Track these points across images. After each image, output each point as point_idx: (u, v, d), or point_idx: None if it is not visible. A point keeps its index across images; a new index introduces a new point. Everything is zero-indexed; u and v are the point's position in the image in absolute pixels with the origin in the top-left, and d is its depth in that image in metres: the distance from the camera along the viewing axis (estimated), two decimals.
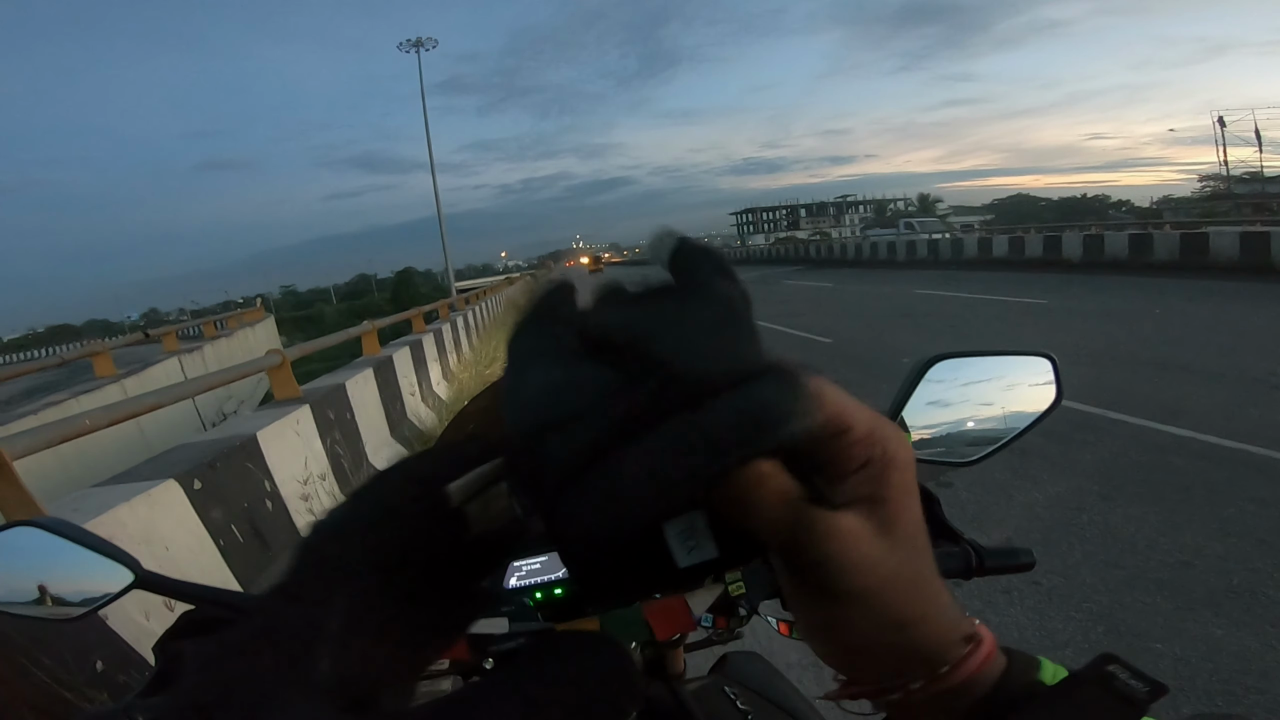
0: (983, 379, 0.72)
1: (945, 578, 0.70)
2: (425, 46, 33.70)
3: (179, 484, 2.54)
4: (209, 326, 14.81)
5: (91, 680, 1.82)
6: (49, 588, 0.61)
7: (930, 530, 0.75)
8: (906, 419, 0.69)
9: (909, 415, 0.69)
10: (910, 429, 0.69)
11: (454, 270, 35.62)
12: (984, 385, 0.72)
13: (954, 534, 0.71)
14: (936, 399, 0.70)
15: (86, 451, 6.21)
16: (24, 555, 0.61)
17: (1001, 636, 1.20)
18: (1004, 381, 0.73)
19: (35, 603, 0.61)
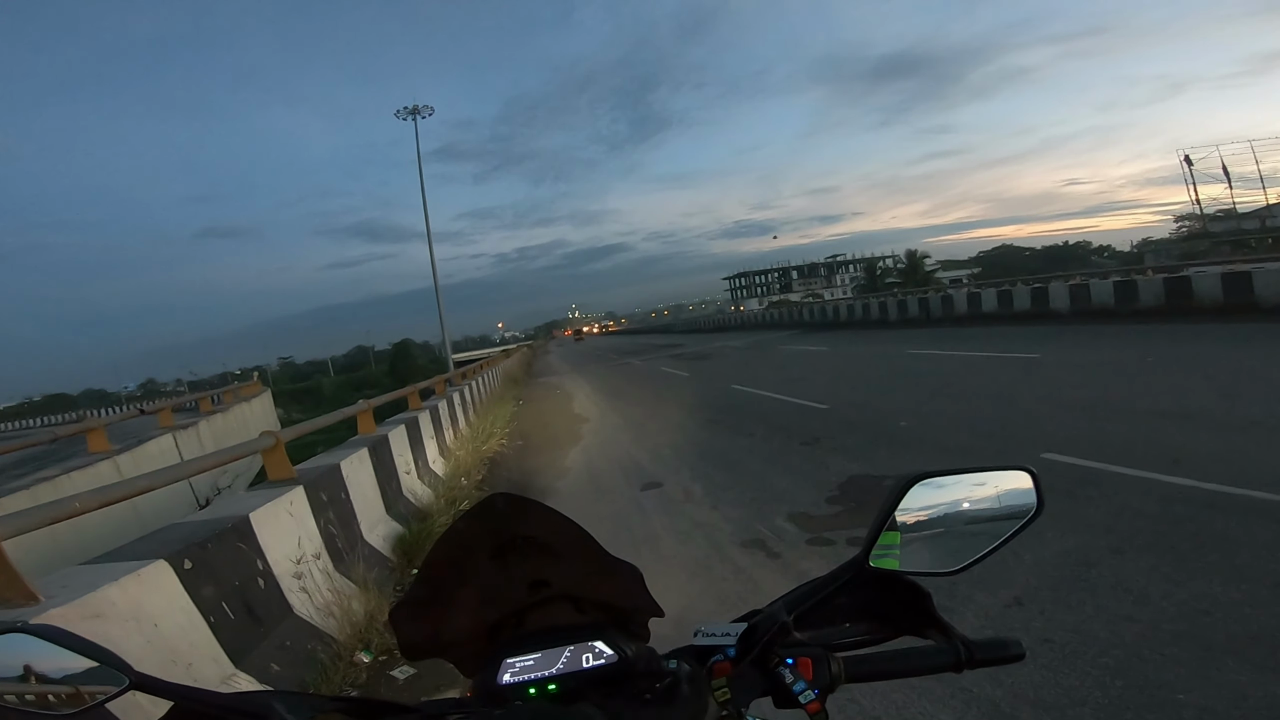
0: (963, 493, 0.76)
1: (935, 672, 0.72)
2: (422, 114, 34.45)
3: (169, 564, 2.53)
4: (205, 402, 14.77)
5: None
6: (43, 691, 0.62)
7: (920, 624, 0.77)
8: (891, 532, 0.73)
9: (891, 529, 0.73)
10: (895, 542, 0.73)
11: (451, 342, 35.86)
12: (965, 498, 0.76)
13: (944, 628, 0.72)
14: (920, 512, 0.74)
15: (78, 525, 6.10)
16: (17, 658, 0.62)
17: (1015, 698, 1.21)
18: (984, 494, 0.77)
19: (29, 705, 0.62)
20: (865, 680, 0.70)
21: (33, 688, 0.61)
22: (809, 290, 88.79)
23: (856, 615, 0.76)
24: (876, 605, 0.76)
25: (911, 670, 0.71)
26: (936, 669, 0.70)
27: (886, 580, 0.74)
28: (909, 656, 0.71)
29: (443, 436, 8.54)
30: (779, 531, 4.56)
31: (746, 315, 52.19)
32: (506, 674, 0.71)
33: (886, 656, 0.72)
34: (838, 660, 0.69)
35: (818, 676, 0.66)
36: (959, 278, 49.03)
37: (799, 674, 0.66)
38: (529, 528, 0.75)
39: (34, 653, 0.61)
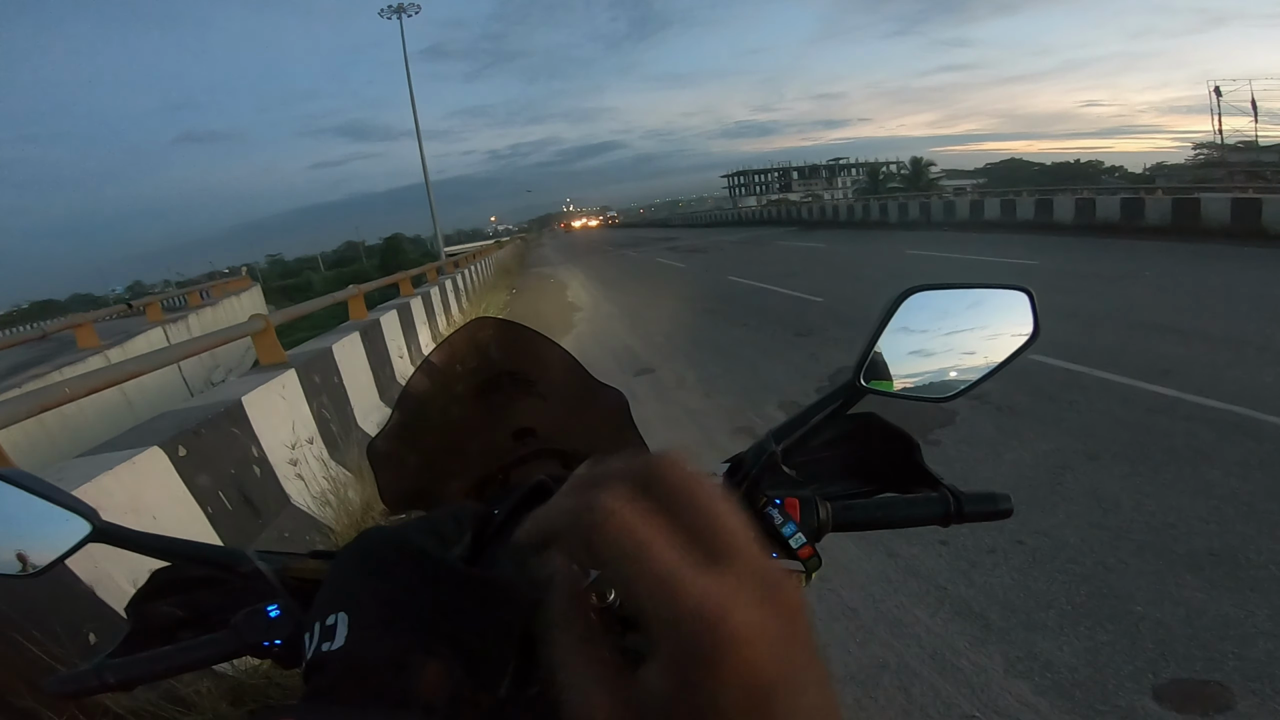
0: (959, 313, 0.71)
1: (924, 524, 0.68)
2: (407, 12, 32.43)
3: (164, 451, 2.52)
4: (194, 296, 14.61)
5: (85, 652, 1.81)
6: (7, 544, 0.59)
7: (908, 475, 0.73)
8: (882, 353, 0.67)
9: (884, 350, 0.67)
10: (887, 363, 0.68)
11: (443, 235, 35.14)
12: (960, 319, 0.71)
13: (933, 479, 0.70)
14: (912, 333, 0.68)
15: (72, 423, 6.17)
16: None
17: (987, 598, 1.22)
18: (980, 315, 0.72)
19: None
20: (852, 529, 0.68)
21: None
22: (809, 191, 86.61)
23: (844, 468, 0.74)
24: (863, 458, 0.74)
25: (899, 520, 0.69)
26: (925, 520, 0.68)
27: (873, 430, 0.72)
28: (897, 505, 0.69)
29: (435, 323, 8.52)
30: (769, 419, 4.65)
31: (744, 211, 51.09)
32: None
33: (875, 504, 0.70)
34: (826, 505, 0.67)
35: (805, 519, 0.64)
36: (963, 186, 47.82)
37: (787, 515, 0.63)
38: (514, 359, 0.73)
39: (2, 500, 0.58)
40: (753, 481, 0.65)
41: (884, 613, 2.46)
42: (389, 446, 0.74)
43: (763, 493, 0.65)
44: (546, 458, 0.75)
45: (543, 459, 0.75)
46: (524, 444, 0.75)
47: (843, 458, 0.73)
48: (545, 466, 0.75)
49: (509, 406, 0.73)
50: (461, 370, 0.72)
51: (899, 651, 2.26)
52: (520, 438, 0.74)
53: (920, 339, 0.69)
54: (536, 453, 0.75)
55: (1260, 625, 2.21)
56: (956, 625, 2.35)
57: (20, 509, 0.58)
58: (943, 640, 2.28)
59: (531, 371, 0.72)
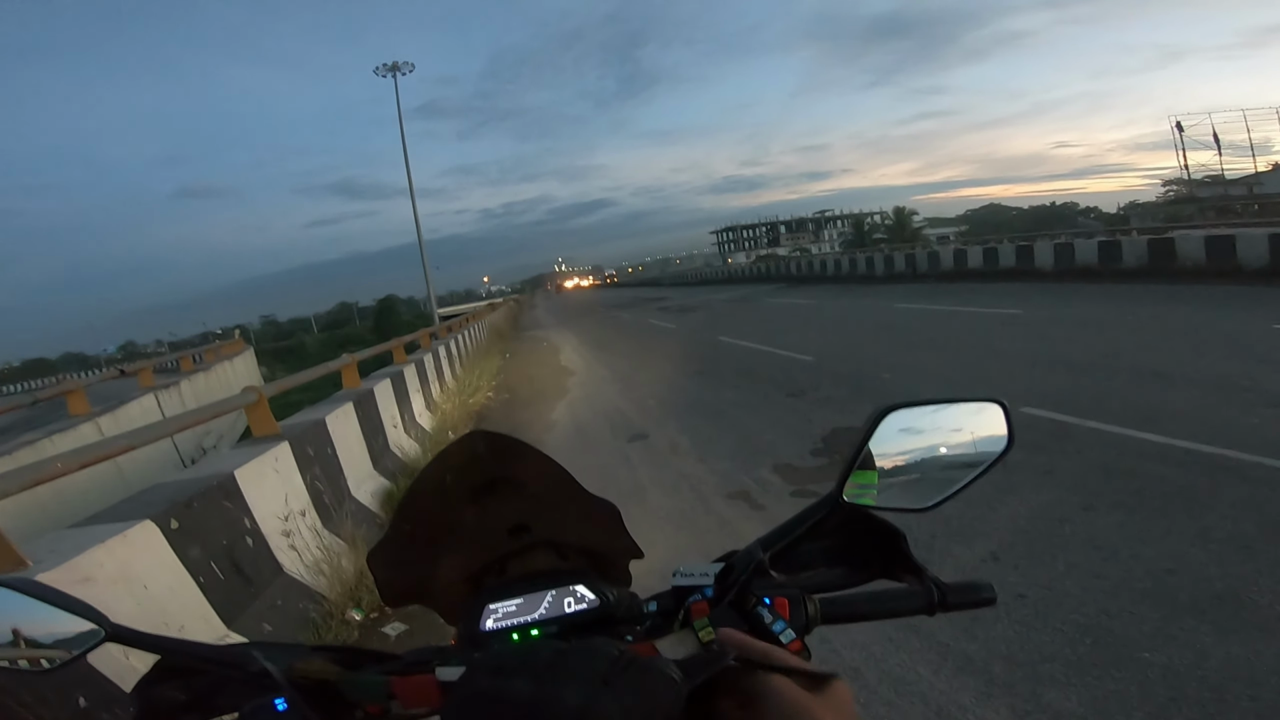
0: (936, 427, 0.75)
1: (909, 615, 0.72)
2: (402, 71, 33.00)
3: (155, 524, 2.53)
4: (186, 361, 14.59)
5: (75, 715, 1.81)
6: (22, 641, 0.61)
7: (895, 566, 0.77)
8: (864, 470, 0.71)
9: (864, 466, 0.71)
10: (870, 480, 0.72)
11: (436, 296, 35.45)
12: (937, 433, 0.75)
13: (917, 570, 0.72)
14: (892, 447, 0.73)
15: (63, 490, 6.08)
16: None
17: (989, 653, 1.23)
18: (957, 428, 0.76)
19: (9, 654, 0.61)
20: (841, 622, 0.71)
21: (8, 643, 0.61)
22: (796, 245, 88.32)
23: (831, 559, 0.76)
24: (851, 548, 0.76)
25: (886, 612, 0.71)
26: (910, 611, 0.71)
27: (861, 522, 0.74)
28: (883, 598, 0.71)
29: (429, 390, 8.52)
30: (764, 483, 4.64)
31: (733, 268, 51.94)
32: (489, 620, 0.71)
33: (862, 598, 0.72)
34: (813, 601, 0.69)
35: (794, 616, 0.67)
36: (946, 235, 48.92)
37: (776, 614, 0.66)
38: (507, 468, 0.75)
39: (9, 607, 0.61)
40: (742, 586, 0.68)
41: (887, 671, 2.42)
42: (387, 551, 0.77)
43: (752, 593, 0.68)
44: (543, 549, 0.78)
45: (539, 550, 0.78)
46: (518, 538, 0.77)
47: (831, 549, 0.76)
48: (542, 557, 0.78)
49: (503, 506, 0.76)
50: (455, 478, 0.75)
51: (904, 711, 2.22)
52: (516, 533, 0.77)
53: (899, 452, 0.73)
54: (532, 544, 0.77)
55: (1270, 664, 2.20)
56: (960, 681, 2.31)
57: (33, 612, 0.61)
58: (948, 696, 2.25)
59: (524, 477, 0.76)
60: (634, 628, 0.72)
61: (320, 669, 0.62)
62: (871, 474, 0.72)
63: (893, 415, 0.72)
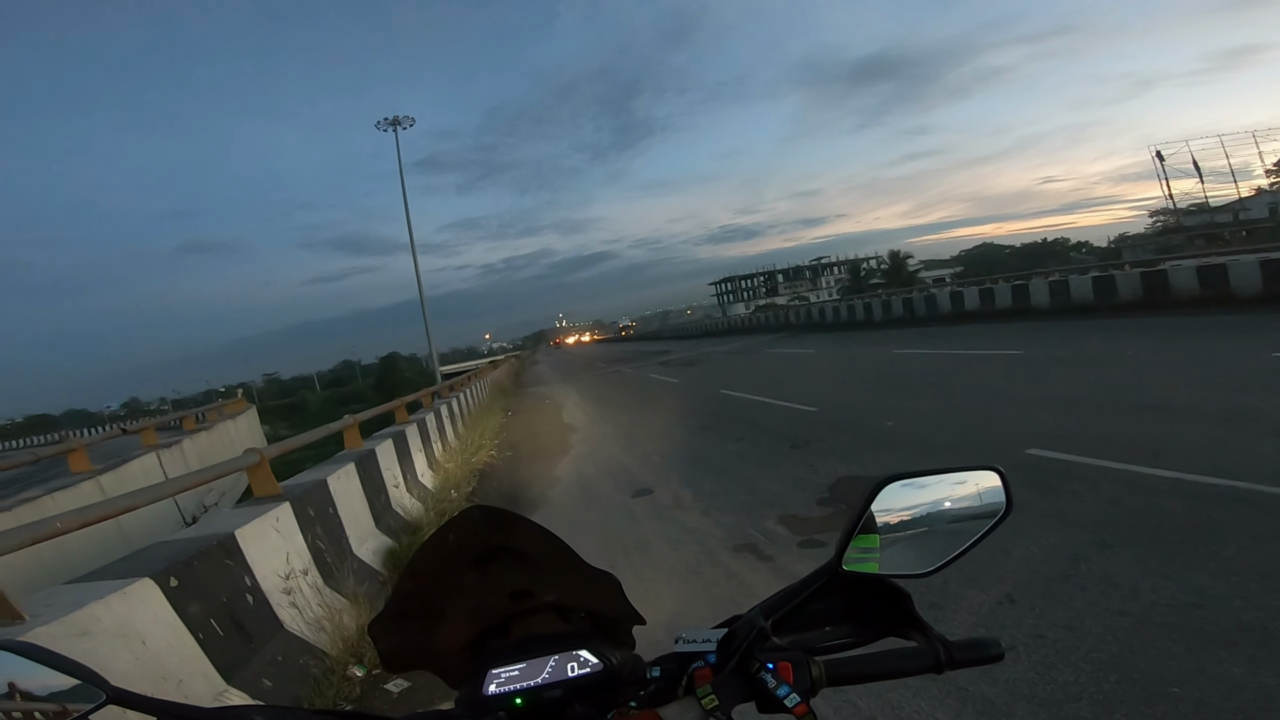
0: (935, 494, 0.76)
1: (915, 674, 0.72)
2: (403, 125, 33.37)
3: (155, 582, 2.52)
4: (189, 420, 14.58)
5: None
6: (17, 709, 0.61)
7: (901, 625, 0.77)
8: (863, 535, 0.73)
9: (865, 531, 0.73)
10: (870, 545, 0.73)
11: (438, 354, 35.63)
12: (936, 500, 0.76)
13: (923, 628, 0.72)
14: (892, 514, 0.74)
15: (63, 546, 6.00)
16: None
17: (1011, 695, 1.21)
18: (955, 495, 0.77)
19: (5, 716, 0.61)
20: (847, 683, 0.70)
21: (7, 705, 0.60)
22: (795, 293, 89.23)
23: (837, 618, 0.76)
24: (856, 608, 0.76)
25: (892, 672, 0.71)
26: (916, 670, 0.70)
27: (865, 582, 0.74)
28: (888, 659, 0.71)
29: (431, 450, 8.48)
30: (770, 535, 4.56)
31: (733, 319, 52.36)
32: (492, 684, 0.71)
33: (867, 659, 0.72)
34: (818, 664, 0.69)
35: (798, 681, 0.67)
36: (942, 277, 49.44)
37: (780, 678, 0.66)
38: (508, 539, 0.75)
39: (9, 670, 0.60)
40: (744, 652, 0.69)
41: (905, 719, 2.34)
42: (388, 622, 0.77)
43: (755, 658, 0.68)
44: (545, 612, 0.78)
45: (542, 613, 0.78)
46: (521, 602, 0.77)
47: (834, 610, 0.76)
48: (545, 620, 0.78)
49: (505, 572, 0.76)
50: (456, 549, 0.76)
51: None
52: (519, 599, 0.77)
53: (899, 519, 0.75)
54: (534, 608, 0.77)
55: None
56: None
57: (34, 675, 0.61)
58: None
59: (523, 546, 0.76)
60: (637, 692, 0.72)
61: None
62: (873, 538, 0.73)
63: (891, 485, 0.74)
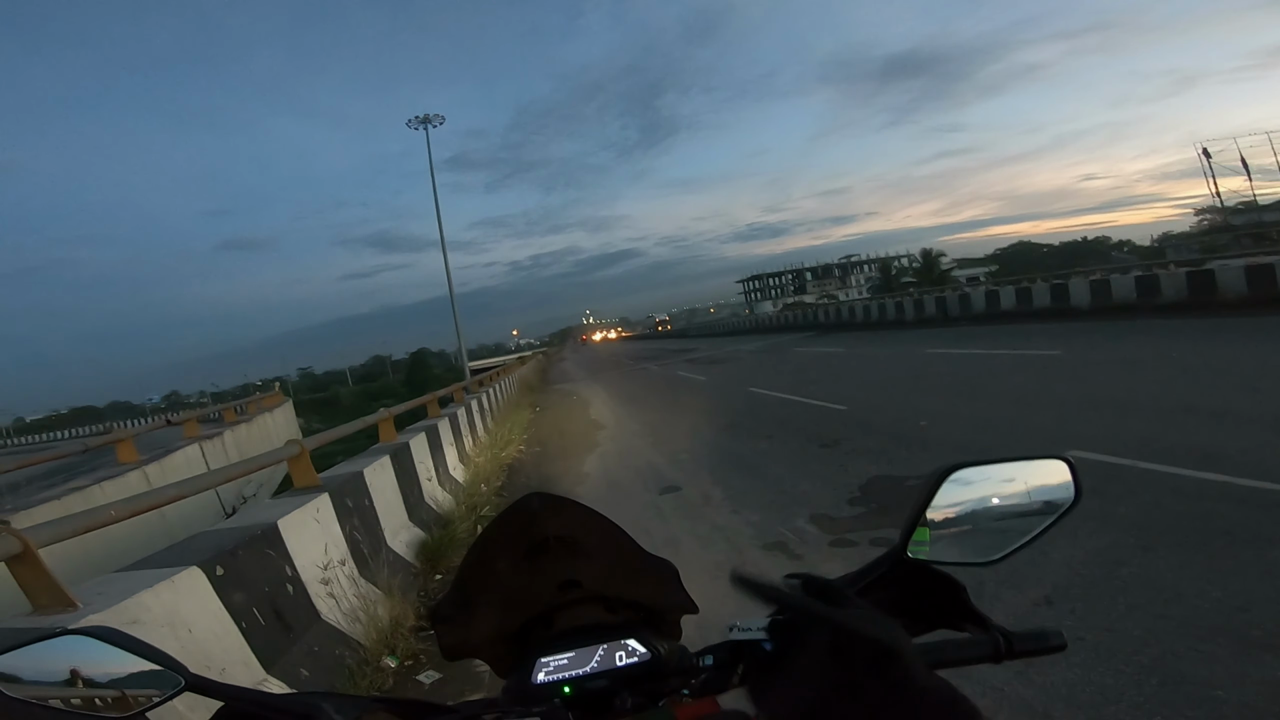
0: (1001, 484, 0.76)
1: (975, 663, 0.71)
2: (433, 123, 33.55)
3: (202, 570, 2.59)
4: (229, 412, 14.96)
5: None
6: (101, 691, 0.64)
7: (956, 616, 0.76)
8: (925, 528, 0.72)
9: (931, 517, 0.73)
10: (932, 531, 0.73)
11: (467, 350, 36.01)
12: (1003, 489, 0.76)
13: (981, 619, 0.71)
14: (957, 503, 0.74)
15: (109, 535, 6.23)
16: (78, 659, 0.64)
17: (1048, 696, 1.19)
18: (1022, 484, 0.76)
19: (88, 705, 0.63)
20: None
21: (89, 690, 0.63)
22: (823, 291, 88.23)
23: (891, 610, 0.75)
24: (911, 599, 0.75)
25: (950, 661, 0.69)
26: (975, 660, 0.69)
27: (921, 574, 0.73)
28: (947, 648, 0.70)
29: (462, 444, 8.59)
30: (801, 534, 4.53)
31: (761, 318, 51.98)
32: (540, 673, 0.72)
33: (925, 648, 0.70)
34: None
35: None
36: (975, 276, 48.41)
37: None
38: (562, 526, 0.76)
39: (90, 655, 0.63)
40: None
41: None
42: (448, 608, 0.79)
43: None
44: (591, 603, 0.79)
45: (587, 604, 0.79)
46: (568, 592, 0.78)
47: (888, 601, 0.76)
48: (589, 611, 0.79)
49: (556, 563, 0.77)
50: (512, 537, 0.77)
51: None
52: (566, 589, 0.78)
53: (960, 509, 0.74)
54: (580, 599, 0.78)
55: None
56: None
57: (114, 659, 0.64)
58: None
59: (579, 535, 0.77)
60: (689, 681, 0.72)
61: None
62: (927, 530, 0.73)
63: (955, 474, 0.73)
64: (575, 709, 0.70)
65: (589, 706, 0.70)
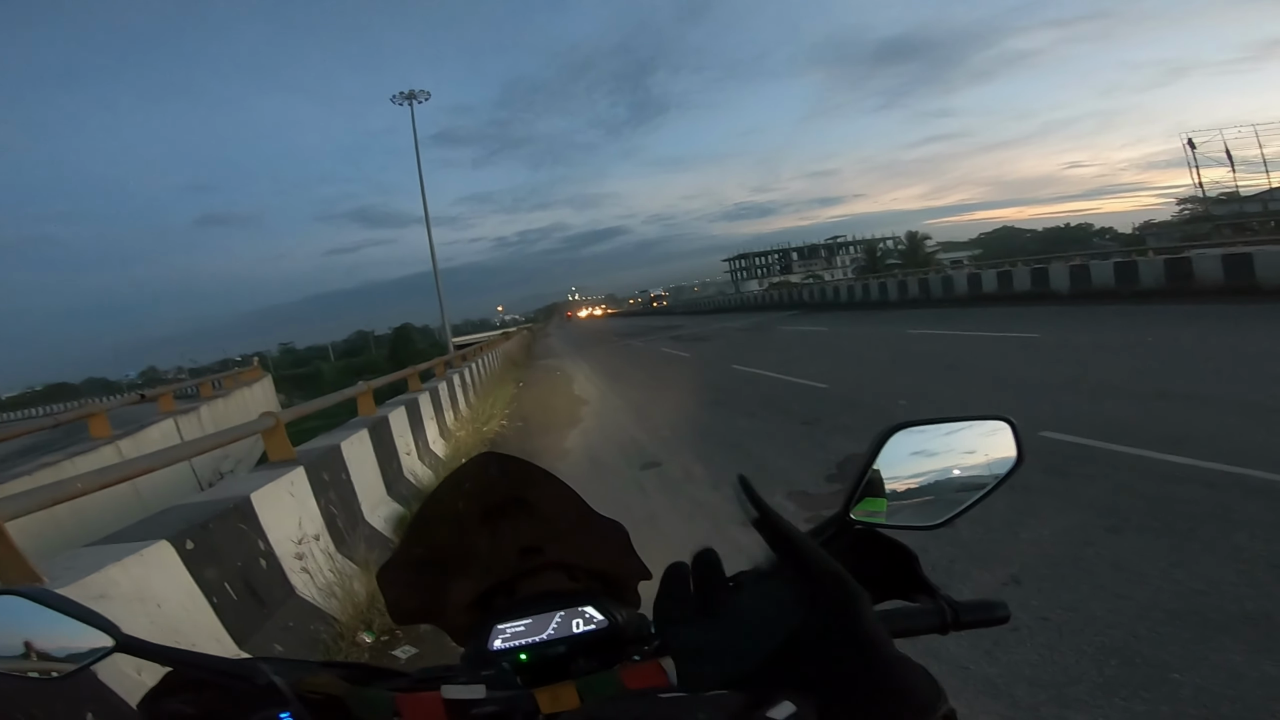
0: (945, 445, 0.75)
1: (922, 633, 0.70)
2: (418, 99, 33.21)
3: (171, 545, 2.54)
4: (205, 387, 14.78)
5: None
6: (33, 651, 0.62)
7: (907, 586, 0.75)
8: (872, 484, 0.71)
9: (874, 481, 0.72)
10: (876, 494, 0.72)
11: (451, 325, 35.74)
12: (946, 452, 0.75)
13: (930, 589, 0.71)
14: (901, 465, 0.73)
15: (81, 510, 6.15)
16: (8, 621, 0.62)
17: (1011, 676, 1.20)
18: (966, 447, 0.75)
19: (20, 664, 0.62)
20: None
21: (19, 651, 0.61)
22: (809, 272, 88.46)
23: None
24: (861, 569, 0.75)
25: (898, 631, 0.68)
26: (923, 630, 0.69)
27: (871, 543, 0.72)
28: (895, 617, 0.69)
29: (443, 418, 8.56)
30: (779, 509, 4.55)
31: (746, 296, 52.06)
32: (497, 640, 0.72)
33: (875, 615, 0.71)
34: None
35: None
36: (959, 259, 48.74)
37: None
38: (518, 488, 0.75)
39: (20, 616, 0.61)
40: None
41: None
42: (397, 569, 0.78)
43: None
44: (552, 570, 0.78)
45: (548, 571, 0.78)
46: (529, 559, 0.77)
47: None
48: (551, 579, 0.78)
49: (513, 527, 0.76)
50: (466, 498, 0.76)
51: None
52: (525, 554, 0.77)
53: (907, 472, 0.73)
54: (542, 565, 0.78)
55: None
56: (982, 704, 2.25)
57: (46, 621, 0.62)
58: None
59: (534, 498, 0.76)
60: (642, 648, 0.72)
61: (327, 683, 0.62)
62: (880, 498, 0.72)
63: (900, 434, 0.72)
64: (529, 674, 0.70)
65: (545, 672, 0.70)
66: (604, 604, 0.74)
